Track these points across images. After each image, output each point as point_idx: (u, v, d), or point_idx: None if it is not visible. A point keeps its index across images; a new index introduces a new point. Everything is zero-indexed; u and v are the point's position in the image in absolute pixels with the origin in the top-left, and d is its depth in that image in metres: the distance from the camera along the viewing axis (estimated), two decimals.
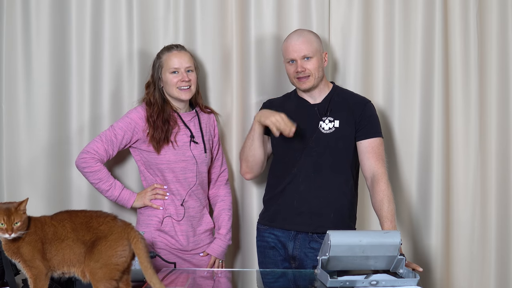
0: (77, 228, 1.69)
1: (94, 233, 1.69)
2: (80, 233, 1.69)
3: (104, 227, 1.69)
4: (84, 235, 1.69)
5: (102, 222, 1.70)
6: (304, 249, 2.47)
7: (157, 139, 2.48)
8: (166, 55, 2.53)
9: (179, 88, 2.51)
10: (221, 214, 2.65)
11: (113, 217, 1.73)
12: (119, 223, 1.72)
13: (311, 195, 2.47)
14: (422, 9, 2.80)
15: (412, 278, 1.93)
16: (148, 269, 1.66)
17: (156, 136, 2.48)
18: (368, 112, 2.51)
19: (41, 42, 2.72)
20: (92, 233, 1.69)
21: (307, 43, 2.47)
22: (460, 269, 2.86)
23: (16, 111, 2.72)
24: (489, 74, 2.85)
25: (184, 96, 2.53)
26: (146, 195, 2.54)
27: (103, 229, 1.69)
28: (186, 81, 2.51)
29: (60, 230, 1.70)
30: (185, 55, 2.55)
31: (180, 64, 2.52)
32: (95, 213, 1.74)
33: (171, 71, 2.51)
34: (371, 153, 2.45)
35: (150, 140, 2.49)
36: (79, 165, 2.48)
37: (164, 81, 2.53)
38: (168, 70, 2.52)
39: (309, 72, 2.46)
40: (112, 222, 1.71)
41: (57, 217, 1.73)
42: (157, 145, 2.48)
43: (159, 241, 2.52)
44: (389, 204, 2.35)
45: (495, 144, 2.86)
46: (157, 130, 2.48)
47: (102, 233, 1.68)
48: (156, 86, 2.55)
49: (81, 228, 1.69)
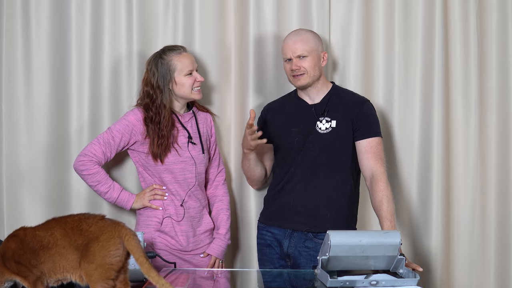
0: (68, 234, 1.69)
1: (86, 235, 1.68)
2: (72, 238, 1.69)
3: (94, 228, 1.69)
4: (76, 239, 1.68)
5: (91, 223, 1.70)
6: (299, 248, 2.48)
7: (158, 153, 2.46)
8: (176, 57, 2.50)
9: (195, 88, 2.52)
10: (219, 214, 2.65)
11: (101, 217, 1.73)
12: (108, 222, 1.71)
13: (307, 194, 2.48)
14: (422, 9, 2.80)
15: (412, 278, 1.93)
16: (144, 263, 1.66)
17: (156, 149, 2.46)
18: (366, 112, 2.51)
19: (41, 42, 2.72)
20: (84, 236, 1.68)
21: (302, 42, 2.48)
22: (460, 269, 2.86)
23: (16, 111, 2.72)
24: (489, 74, 2.85)
25: (199, 97, 2.54)
26: (145, 195, 2.54)
27: (94, 230, 1.68)
28: (200, 82, 2.52)
29: (47, 239, 1.70)
30: (192, 56, 2.56)
31: (193, 66, 2.52)
32: (83, 216, 1.73)
33: (186, 73, 2.50)
34: (370, 153, 2.45)
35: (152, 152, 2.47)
36: (77, 168, 2.47)
37: (178, 83, 2.50)
38: (182, 72, 2.49)
39: (304, 70, 2.47)
40: (101, 222, 1.70)
41: (44, 227, 1.74)
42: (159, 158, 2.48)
43: (159, 241, 2.52)
44: (388, 204, 2.35)
45: (495, 144, 2.86)
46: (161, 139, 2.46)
47: (93, 234, 1.68)
48: (165, 89, 2.50)
49: (72, 233, 1.69)
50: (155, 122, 2.47)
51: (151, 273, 1.66)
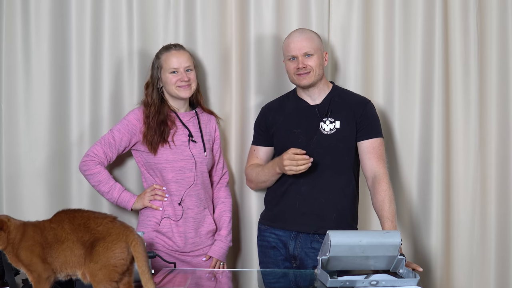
0: (76, 229, 1.69)
1: (92, 233, 1.68)
2: (79, 234, 1.68)
3: (102, 228, 1.69)
4: (83, 235, 1.68)
5: (100, 223, 1.70)
6: (305, 249, 2.47)
7: (150, 140, 2.49)
8: (165, 55, 2.54)
9: (179, 86, 2.52)
10: (222, 216, 2.65)
11: (112, 218, 1.72)
12: (117, 225, 1.70)
13: (313, 196, 2.47)
14: (422, 9, 2.80)
15: (412, 278, 1.93)
16: (145, 273, 1.66)
17: (149, 137, 2.49)
18: (369, 112, 2.51)
19: (41, 42, 2.72)
20: (90, 234, 1.68)
21: (308, 40, 2.47)
22: (460, 269, 2.86)
23: (16, 111, 2.72)
24: (489, 74, 2.85)
25: (184, 94, 2.53)
26: (145, 196, 2.54)
27: (101, 230, 1.68)
28: (185, 81, 2.52)
29: (60, 232, 1.69)
30: (183, 55, 2.55)
31: (179, 64, 2.52)
32: (93, 214, 1.73)
33: (171, 71, 2.52)
34: (372, 154, 2.45)
35: (143, 141, 2.50)
36: (81, 168, 2.51)
37: (163, 81, 2.54)
38: (167, 70, 2.52)
39: (310, 68, 2.46)
40: (111, 224, 1.70)
41: (56, 219, 1.72)
42: (151, 146, 2.49)
43: (156, 242, 2.52)
44: (390, 204, 2.35)
45: (495, 144, 2.86)
46: (150, 131, 2.49)
47: (100, 234, 1.68)
48: (155, 87, 2.56)
49: (80, 229, 1.69)
50: (152, 117, 2.51)
51: (148, 284, 1.66)
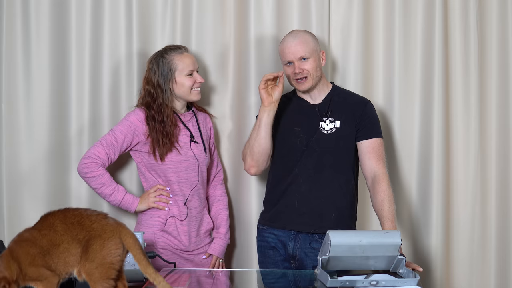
0: (69, 228, 1.67)
1: (87, 231, 1.67)
2: (74, 232, 1.67)
3: (96, 225, 1.68)
4: (77, 234, 1.67)
5: (94, 220, 1.69)
6: (305, 249, 2.47)
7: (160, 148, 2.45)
8: (177, 57, 2.49)
9: (195, 89, 2.52)
10: (219, 213, 2.66)
11: (103, 215, 1.72)
12: (111, 221, 1.70)
13: (312, 195, 2.47)
14: (422, 9, 2.80)
15: (412, 278, 1.93)
16: (142, 260, 1.66)
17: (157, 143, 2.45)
18: (369, 113, 2.51)
19: (41, 42, 2.72)
20: (85, 232, 1.67)
21: (303, 44, 2.45)
22: (460, 269, 2.86)
23: (16, 111, 2.72)
24: (489, 74, 2.85)
25: (197, 97, 2.54)
26: (149, 197, 2.53)
27: (96, 228, 1.67)
28: (201, 83, 2.53)
29: (53, 236, 1.67)
30: (193, 57, 2.56)
31: (194, 66, 2.52)
32: (84, 211, 1.71)
33: (187, 73, 2.50)
34: (372, 154, 2.45)
35: (152, 149, 2.46)
36: (81, 171, 2.45)
37: (178, 82, 2.50)
38: (183, 73, 2.49)
39: (307, 72, 2.45)
40: (104, 221, 1.69)
41: (45, 225, 1.69)
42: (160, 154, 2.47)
43: (161, 241, 2.51)
44: (390, 204, 2.35)
45: (495, 144, 2.86)
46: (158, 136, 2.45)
47: (96, 231, 1.67)
48: (166, 88, 2.50)
49: (74, 227, 1.67)
50: (157, 121, 2.47)
51: (148, 270, 1.65)
